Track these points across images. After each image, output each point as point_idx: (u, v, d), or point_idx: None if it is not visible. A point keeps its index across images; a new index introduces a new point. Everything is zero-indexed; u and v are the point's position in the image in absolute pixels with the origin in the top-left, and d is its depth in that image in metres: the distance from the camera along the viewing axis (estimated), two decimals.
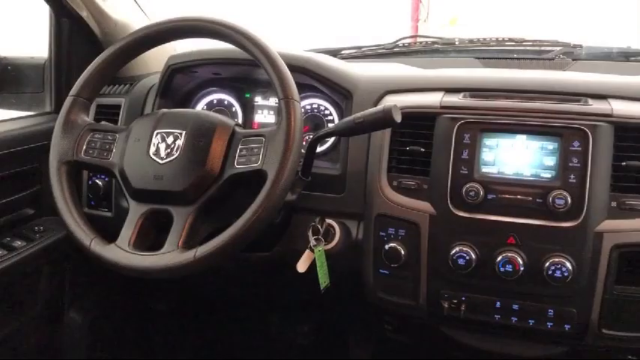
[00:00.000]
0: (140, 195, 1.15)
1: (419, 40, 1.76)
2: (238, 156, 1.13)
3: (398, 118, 1.09)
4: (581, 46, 1.61)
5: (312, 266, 1.26)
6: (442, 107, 1.20)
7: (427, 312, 1.21)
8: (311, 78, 1.36)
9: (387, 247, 1.20)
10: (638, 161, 1.09)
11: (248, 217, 1.03)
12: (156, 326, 1.82)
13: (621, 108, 1.12)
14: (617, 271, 1.09)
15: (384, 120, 1.10)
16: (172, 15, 1.24)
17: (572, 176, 1.10)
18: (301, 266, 1.26)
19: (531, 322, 1.15)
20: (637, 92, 1.19)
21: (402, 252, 1.19)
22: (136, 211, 1.14)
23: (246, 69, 1.41)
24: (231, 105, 1.53)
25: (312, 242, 1.25)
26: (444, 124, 1.18)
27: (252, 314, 1.79)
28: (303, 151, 1.26)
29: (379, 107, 1.10)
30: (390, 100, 1.26)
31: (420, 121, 1.21)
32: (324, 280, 1.27)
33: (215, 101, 1.54)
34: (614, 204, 1.10)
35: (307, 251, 1.26)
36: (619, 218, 1.09)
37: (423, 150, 1.21)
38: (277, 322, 1.77)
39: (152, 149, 1.16)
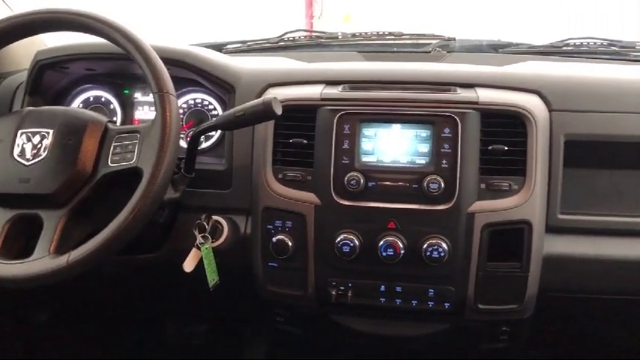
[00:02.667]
0: (4, 200, 1.07)
1: (304, 34, 1.77)
2: (112, 154, 1.08)
3: (278, 111, 1.10)
4: (454, 39, 1.70)
5: (201, 264, 1.24)
6: (322, 99, 1.22)
7: (316, 301, 1.23)
8: (191, 72, 1.33)
9: (274, 239, 1.21)
10: (503, 145, 1.17)
11: (123, 218, 0.99)
12: (38, 339, 1.70)
13: (486, 96, 1.20)
14: (488, 249, 1.16)
15: (264, 112, 1.10)
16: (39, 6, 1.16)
17: (444, 161, 1.16)
18: (188, 265, 1.23)
19: (414, 302, 1.20)
20: (501, 81, 1.27)
21: (290, 243, 1.20)
22: (0, 218, 1.06)
23: (121, 64, 1.35)
24: (108, 102, 1.46)
25: (199, 240, 1.23)
26: (325, 116, 1.20)
27: (143, 318, 1.73)
28: (185, 146, 1.24)
29: (259, 100, 1.11)
30: (272, 93, 1.26)
31: (301, 113, 1.23)
32: (212, 277, 1.25)
33: (91, 98, 1.47)
34: (483, 186, 1.17)
35: (194, 250, 1.23)
36: (488, 199, 1.16)
37: (305, 142, 1.22)
38: (170, 324, 1.72)
39: (16, 150, 1.09)
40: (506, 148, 1.17)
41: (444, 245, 1.14)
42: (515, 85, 1.25)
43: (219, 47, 1.73)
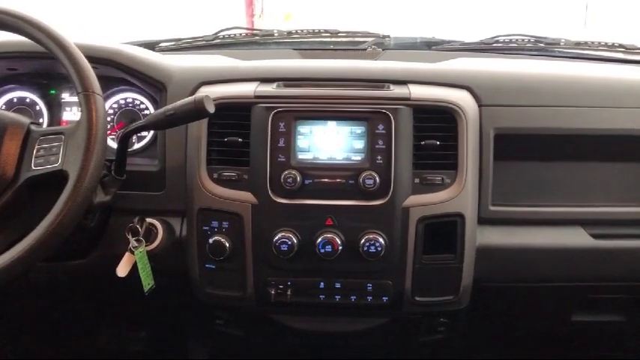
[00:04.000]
0: None
1: (239, 32, 1.75)
2: (35, 157, 1.03)
3: (210, 109, 1.08)
4: (389, 37, 1.72)
5: (136, 269, 1.21)
6: (256, 97, 1.20)
7: (255, 301, 1.22)
8: (120, 70, 1.29)
9: (211, 240, 1.19)
10: (435, 140, 1.19)
11: (48, 224, 0.95)
12: None
13: (418, 92, 1.22)
14: (424, 242, 1.18)
15: (195, 111, 1.07)
16: None
17: (379, 157, 1.17)
18: (121, 270, 1.20)
19: (353, 298, 1.21)
20: (432, 77, 1.30)
21: (227, 244, 1.18)
22: None
23: (46, 63, 1.29)
24: (34, 103, 1.39)
25: (133, 244, 1.20)
26: (259, 114, 1.19)
27: (78, 326, 1.66)
28: (115, 146, 1.20)
29: (190, 98, 1.08)
30: (205, 92, 1.24)
31: (235, 112, 1.21)
32: (147, 282, 1.22)
33: (15, 99, 1.40)
34: (417, 180, 1.19)
35: (127, 254, 1.20)
36: (422, 193, 1.18)
37: (240, 140, 1.20)
38: (107, 331, 1.66)
39: None
40: (438, 143, 1.19)
41: (381, 240, 1.16)
42: (446, 82, 1.28)
43: (151, 45, 1.68)
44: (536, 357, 1.64)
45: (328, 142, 1.19)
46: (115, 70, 1.30)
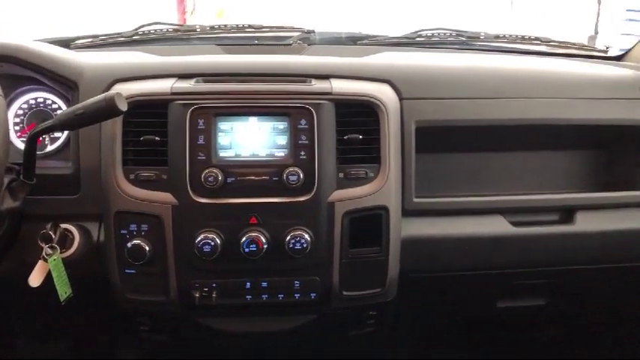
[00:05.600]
0: None
1: (160, 27, 1.69)
2: None
3: (123, 107, 1.03)
4: (314, 32, 1.71)
5: (51, 278, 1.14)
6: (173, 93, 1.16)
7: (180, 305, 1.18)
8: (26, 68, 1.22)
9: (129, 244, 1.14)
10: (358, 134, 1.19)
11: None
12: None
13: (340, 86, 1.21)
14: (349, 236, 1.18)
15: (107, 109, 1.02)
16: None
17: (302, 153, 1.15)
18: (34, 280, 1.13)
19: (281, 296, 1.19)
20: (354, 72, 1.30)
21: (147, 248, 1.14)
22: None
23: None
24: None
25: (46, 251, 1.14)
26: (177, 111, 1.15)
27: None
28: (22, 148, 1.13)
29: (101, 96, 1.03)
30: (119, 89, 1.18)
31: (151, 109, 1.17)
32: (64, 290, 1.16)
33: None
34: (341, 175, 1.18)
35: (40, 262, 1.14)
36: (346, 187, 1.18)
37: (158, 139, 1.16)
38: (25, 344, 1.57)
39: None
40: (361, 137, 1.19)
41: (307, 236, 1.14)
42: (368, 76, 1.28)
43: (66, 43, 1.60)
44: (466, 343, 1.68)
45: (250, 139, 1.16)
46: (21, 68, 1.22)
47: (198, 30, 1.67)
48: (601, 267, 1.37)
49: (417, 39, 1.70)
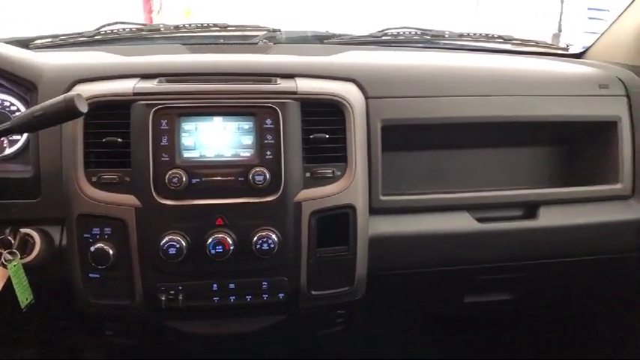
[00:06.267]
0: None
1: (123, 27, 1.66)
2: None
3: (83, 108, 1.00)
4: (280, 31, 1.70)
5: (11, 284, 1.11)
6: (136, 94, 1.14)
7: (146, 309, 1.16)
8: None
9: (93, 248, 1.12)
10: (324, 133, 1.19)
11: None
12: None
13: (305, 85, 1.21)
14: (317, 236, 1.18)
15: (67, 111, 1.00)
16: None
17: (268, 153, 1.15)
18: None
19: (249, 297, 1.18)
20: (320, 71, 1.29)
21: (111, 251, 1.12)
22: None
23: None
24: None
25: (5, 257, 1.11)
26: (139, 112, 1.13)
27: None
28: None
29: (60, 97, 1.00)
30: (80, 90, 1.16)
31: (113, 110, 1.14)
32: (25, 297, 1.14)
33: None
34: (308, 174, 1.18)
35: None
36: (313, 187, 1.18)
37: (120, 140, 1.14)
38: None
39: None
40: (327, 137, 1.19)
41: (274, 236, 1.14)
42: (333, 75, 1.28)
43: (25, 43, 1.56)
44: (435, 340, 1.70)
45: (215, 139, 1.15)
46: None
47: (162, 29, 1.65)
48: (564, 261, 1.40)
49: (383, 38, 1.71)
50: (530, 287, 1.53)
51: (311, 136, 1.18)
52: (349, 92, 1.23)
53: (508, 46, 1.76)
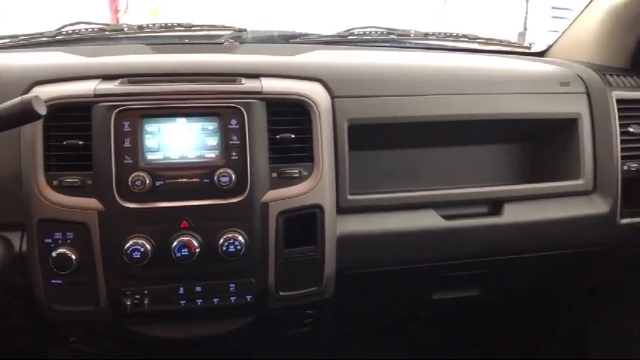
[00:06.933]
0: None
1: (85, 27, 1.63)
2: None
3: (41, 111, 0.98)
4: (246, 30, 1.69)
5: None
6: (97, 95, 1.12)
7: (110, 314, 1.14)
8: None
9: (54, 254, 1.09)
10: (290, 133, 1.18)
11: None
12: None
13: (270, 85, 1.20)
14: (285, 236, 1.18)
15: (24, 113, 0.97)
16: None
17: (233, 154, 1.14)
18: None
19: (216, 300, 1.17)
20: (285, 70, 1.29)
21: (73, 257, 1.10)
22: None
23: None
24: None
25: None
26: (101, 114, 1.11)
27: None
28: None
29: (17, 99, 0.98)
30: (38, 92, 1.13)
31: (74, 112, 1.12)
32: None
33: None
34: (274, 175, 1.17)
35: None
36: (280, 187, 1.17)
37: (82, 143, 1.12)
38: None
39: None
40: (293, 137, 1.18)
41: (241, 238, 1.13)
42: (299, 74, 1.28)
43: None
44: (404, 338, 1.71)
45: (179, 140, 1.14)
46: None
47: (125, 29, 1.62)
48: (530, 256, 1.42)
49: (349, 37, 1.71)
50: (498, 283, 1.56)
51: (277, 137, 1.18)
52: (315, 92, 1.23)
53: (473, 45, 1.78)
